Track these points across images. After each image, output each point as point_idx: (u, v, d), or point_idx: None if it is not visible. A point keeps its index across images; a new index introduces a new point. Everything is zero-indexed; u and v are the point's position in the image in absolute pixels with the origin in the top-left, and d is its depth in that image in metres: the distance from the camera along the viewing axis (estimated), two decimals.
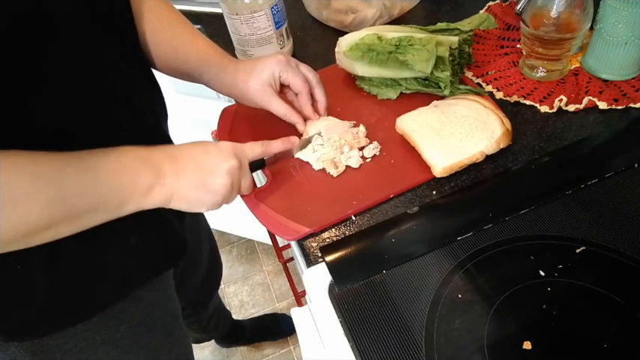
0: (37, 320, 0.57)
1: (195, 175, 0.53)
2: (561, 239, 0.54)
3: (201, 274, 0.99)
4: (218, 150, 0.55)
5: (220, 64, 0.67)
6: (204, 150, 0.55)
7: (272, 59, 0.66)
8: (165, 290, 0.74)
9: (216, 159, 0.55)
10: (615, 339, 0.46)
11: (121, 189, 0.49)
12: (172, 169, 0.52)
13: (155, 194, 0.51)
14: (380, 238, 0.58)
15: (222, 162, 0.55)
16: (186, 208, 0.55)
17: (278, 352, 1.48)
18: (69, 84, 0.49)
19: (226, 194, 0.56)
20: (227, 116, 0.77)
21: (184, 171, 0.53)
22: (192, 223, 0.87)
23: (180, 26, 0.67)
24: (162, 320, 0.72)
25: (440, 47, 0.68)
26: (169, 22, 0.66)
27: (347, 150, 0.67)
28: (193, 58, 0.66)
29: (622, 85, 0.70)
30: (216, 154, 0.55)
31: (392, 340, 0.49)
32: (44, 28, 0.45)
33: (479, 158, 0.63)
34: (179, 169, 0.52)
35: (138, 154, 0.51)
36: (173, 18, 0.67)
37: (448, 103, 0.69)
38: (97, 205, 0.47)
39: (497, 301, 0.50)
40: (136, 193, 0.50)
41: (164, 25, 0.65)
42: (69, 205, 0.45)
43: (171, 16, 0.67)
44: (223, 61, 0.67)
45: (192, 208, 0.55)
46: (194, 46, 0.67)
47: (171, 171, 0.52)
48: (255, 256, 1.74)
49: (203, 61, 0.67)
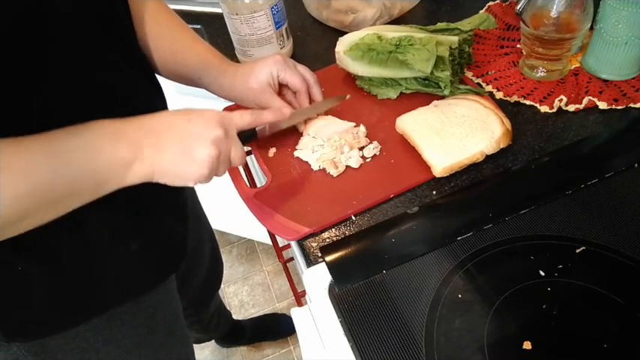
0: (37, 321, 0.57)
1: (178, 147, 0.50)
2: (561, 239, 0.54)
3: (203, 274, 0.99)
4: (202, 118, 0.51)
5: (219, 67, 0.67)
6: (186, 119, 0.51)
7: (270, 60, 0.66)
8: (168, 291, 0.74)
9: (200, 128, 0.51)
10: (615, 339, 0.46)
11: (97, 170, 0.46)
12: (151, 142, 0.49)
13: (135, 170, 0.48)
14: (380, 238, 0.58)
15: (207, 131, 0.51)
16: (171, 182, 0.51)
17: (278, 352, 1.48)
18: (69, 84, 0.49)
19: (213, 165, 0.52)
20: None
21: (165, 143, 0.49)
22: (194, 223, 0.87)
23: (179, 30, 0.67)
24: (164, 321, 0.72)
25: (440, 47, 0.68)
26: (168, 25, 0.66)
27: (347, 150, 0.67)
28: (192, 62, 0.66)
29: (622, 85, 0.70)
30: (200, 123, 0.51)
31: (392, 340, 0.49)
32: (44, 28, 0.45)
33: (479, 158, 0.63)
34: (159, 141, 0.49)
35: (112, 130, 0.47)
36: (172, 21, 0.67)
37: (448, 103, 0.69)
38: (73, 189, 0.45)
39: (497, 301, 0.50)
40: (114, 171, 0.47)
41: (163, 29, 0.65)
42: (40, 196, 0.43)
43: (170, 19, 0.67)
44: (222, 64, 0.67)
45: (177, 182, 0.52)
46: (193, 50, 0.67)
47: (150, 144, 0.48)
48: (255, 256, 1.74)
49: (202, 64, 0.66)
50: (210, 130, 0.51)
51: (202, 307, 1.12)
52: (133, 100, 0.58)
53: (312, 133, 0.69)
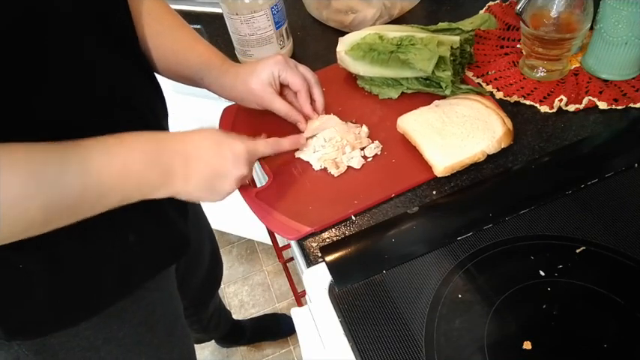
0: (37, 319, 0.57)
1: (205, 179, 0.53)
2: (561, 239, 0.54)
3: (202, 274, 0.99)
4: (232, 155, 0.54)
5: (221, 67, 0.67)
6: (219, 153, 0.54)
7: (270, 60, 0.67)
8: (167, 289, 0.74)
9: (229, 166, 0.54)
10: (615, 339, 0.46)
11: (125, 190, 0.49)
12: (182, 172, 0.51)
13: (159, 193, 0.51)
14: (380, 238, 0.58)
15: (235, 170, 0.55)
16: (185, 200, 0.55)
17: (278, 352, 1.48)
18: (68, 84, 0.49)
19: (228, 195, 0.56)
20: (228, 116, 0.77)
21: (194, 174, 0.52)
22: (194, 223, 0.87)
23: (181, 30, 0.67)
24: (164, 320, 0.72)
25: (441, 47, 0.68)
26: (170, 25, 0.66)
27: (349, 150, 0.67)
28: (194, 62, 0.67)
29: (622, 85, 0.70)
30: (230, 160, 0.54)
31: (392, 340, 0.49)
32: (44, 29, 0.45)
33: (480, 158, 0.63)
34: (190, 171, 0.52)
35: (147, 153, 0.49)
36: (173, 21, 0.67)
37: (449, 103, 0.69)
38: (96, 203, 0.47)
39: (497, 301, 0.50)
40: (141, 192, 0.50)
41: (164, 29, 0.66)
42: (67, 205, 0.45)
43: (172, 19, 0.67)
44: (224, 65, 0.67)
45: (190, 200, 0.56)
46: (195, 50, 0.67)
47: (180, 174, 0.51)
48: (255, 256, 1.74)
49: (204, 65, 0.67)
50: (237, 169, 0.55)
51: (202, 306, 1.12)
52: (133, 100, 0.58)
53: (314, 133, 0.70)
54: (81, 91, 0.50)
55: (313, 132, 0.70)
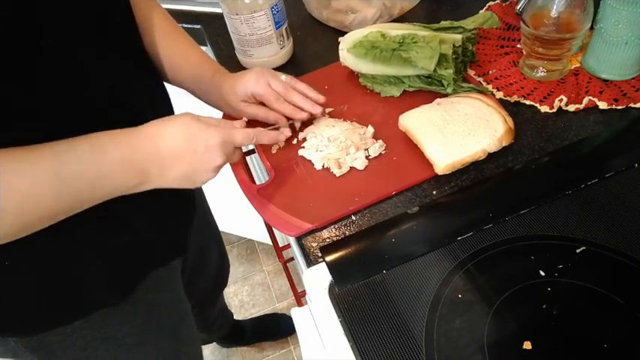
0: (29, 317, 0.57)
1: (182, 174, 0.54)
2: (561, 239, 0.54)
3: (210, 275, 0.99)
4: (206, 149, 0.54)
5: (210, 81, 0.69)
6: (192, 148, 0.53)
7: (247, 76, 0.68)
8: (173, 291, 0.74)
9: (204, 158, 0.54)
10: (615, 339, 0.46)
11: (102, 193, 0.50)
12: (158, 171, 0.52)
13: (139, 189, 0.53)
14: (380, 238, 0.58)
15: (210, 161, 0.55)
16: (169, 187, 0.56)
17: (278, 352, 1.48)
18: (68, 84, 0.49)
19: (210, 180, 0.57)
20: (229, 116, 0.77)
21: (170, 170, 0.53)
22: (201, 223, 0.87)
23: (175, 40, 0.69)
24: (169, 321, 0.72)
25: (443, 45, 0.68)
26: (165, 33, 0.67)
27: (353, 151, 0.67)
28: (186, 74, 0.69)
29: (622, 85, 0.70)
30: (204, 153, 0.54)
31: (392, 340, 0.49)
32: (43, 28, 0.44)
33: (481, 156, 0.63)
34: (165, 170, 0.53)
35: (121, 158, 0.49)
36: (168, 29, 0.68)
37: (451, 101, 0.69)
38: (73, 206, 0.48)
39: (497, 301, 0.50)
40: (119, 192, 0.51)
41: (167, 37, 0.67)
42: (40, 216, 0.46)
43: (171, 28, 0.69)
44: (213, 77, 0.69)
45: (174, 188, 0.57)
46: (187, 62, 0.69)
47: (156, 173, 0.52)
48: (255, 256, 1.74)
49: (195, 77, 0.69)
50: (212, 160, 0.55)
51: (208, 307, 1.12)
52: (133, 100, 0.58)
53: (317, 132, 0.70)
54: (80, 91, 0.50)
55: (306, 133, 0.70)
